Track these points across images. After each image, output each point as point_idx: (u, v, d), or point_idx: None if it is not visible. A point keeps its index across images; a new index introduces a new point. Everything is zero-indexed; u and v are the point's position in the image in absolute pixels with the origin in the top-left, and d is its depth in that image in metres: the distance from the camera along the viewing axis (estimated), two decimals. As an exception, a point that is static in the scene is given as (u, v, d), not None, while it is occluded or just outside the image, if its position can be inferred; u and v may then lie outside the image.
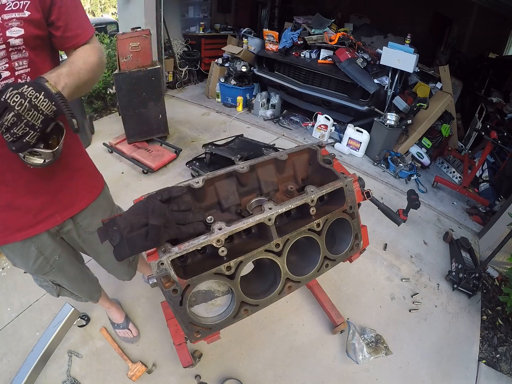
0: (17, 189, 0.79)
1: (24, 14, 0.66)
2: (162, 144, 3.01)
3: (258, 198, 0.88)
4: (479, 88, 4.48)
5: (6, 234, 0.85)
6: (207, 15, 5.17)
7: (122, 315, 1.48)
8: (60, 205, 0.89)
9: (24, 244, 0.88)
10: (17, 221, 0.84)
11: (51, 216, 0.88)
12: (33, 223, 0.86)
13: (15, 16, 0.64)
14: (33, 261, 0.93)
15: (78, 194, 0.94)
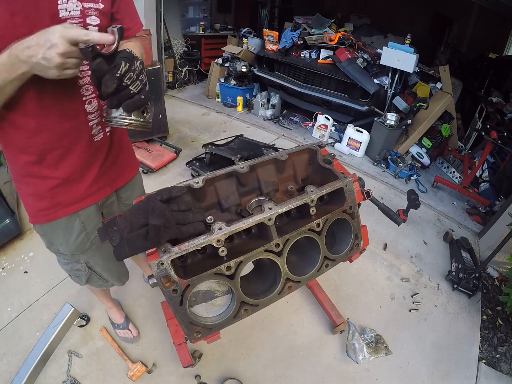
0: (82, 161, 0.85)
1: (99, 5, 0.72)
2: (162, 144, 3.01)
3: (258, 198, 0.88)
4: (479, 88, 4.48)
5: (55, 210, 0.87)
6: (207, 15, 5.17)
7: (122, 315, 1.48)
8: (110, 177, 0.97)
9: (70, 218, 0.90)
10: (71, 195, 0.88)
11: (102, 188, 0.95)
12: (86, 195, 0.91)
13: (93, 6, 0.71)
14: (76, 237, 0.94)
15: (124, 168, 1.03)
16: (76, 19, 0.69)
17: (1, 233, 1.79)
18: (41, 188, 0.84)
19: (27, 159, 0.79)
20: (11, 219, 1.82)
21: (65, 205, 0.88)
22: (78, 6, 0.68)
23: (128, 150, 1.07)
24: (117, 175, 1.00)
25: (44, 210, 0.87)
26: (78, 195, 0.89)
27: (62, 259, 1.03)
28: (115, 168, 0.98)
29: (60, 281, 1.68)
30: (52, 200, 0.86)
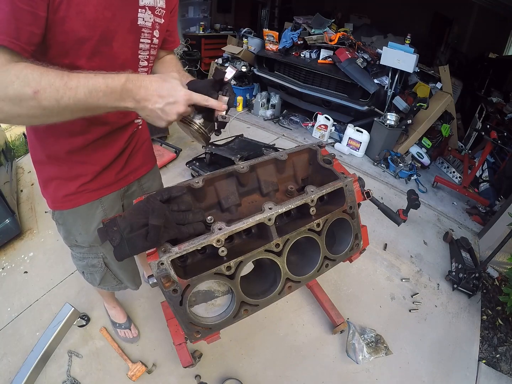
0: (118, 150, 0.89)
1: (161, 20, 0.79)
2: (162, 144, 3.01)
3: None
4: (479, 88, 4.48)
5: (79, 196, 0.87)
6: (207, 15, 5.17)
7: (125, 315, 1.48)
8: (134, 166, 1.00)
9: (92, 205, 0.90)
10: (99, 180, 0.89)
11: (126, 175, 0.98)
12: (113, 181, 0.93)
13: (158, 21, 0.78)
14: (97, 225, 0.92)
15: (146, 158, 1.07)
16: (148, 29, 0.75)
17: (1, 233, 1.79)
18: (71, 172, 0.84)
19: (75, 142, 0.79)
20: (11, 219, 1.82)
21: (91, 191, 0.88)
22: (151, 19, 0.75)
23: (149, 143, 1.11)
24: (140, 163, 1.03)
25: (68, 195, 0.86)
26: (105, 182, 0.90)
27: (77, 253, 1.00)
28: (139, 156, 1.01)
29: (60, 281, 1.68)
30: (78, 185, 0.85)
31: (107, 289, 1.18)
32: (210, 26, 5.21)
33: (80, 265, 1.05)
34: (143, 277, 1.70)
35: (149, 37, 0.77)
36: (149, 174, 1.09)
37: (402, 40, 3.21)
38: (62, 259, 1.78)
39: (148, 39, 0.77)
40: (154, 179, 1.14)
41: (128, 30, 0.70)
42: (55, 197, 0.87)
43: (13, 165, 2.52)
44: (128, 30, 0.70)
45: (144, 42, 0.76)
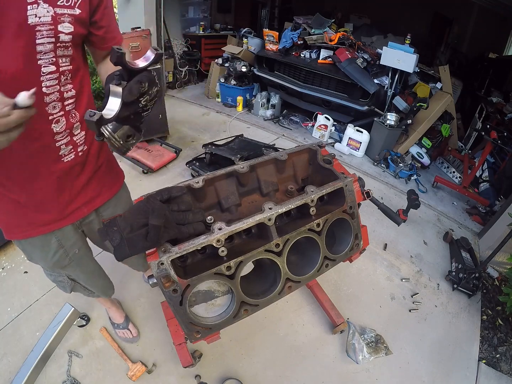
0: (48, 185, 0.80)
1: (75, 11, 0.66)
2: (162, 144, 3.01)
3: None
4: (479, 88, 4.48)
5: (29, 228, 0.85)
6: (207, 15, 5.17)
7: (122, 315, 1.48)
8: (87, 197, 0.91)
9: (45, 237, 0.88)
10: (43, 217, 0.84)
11: (78, 208, 0.90)
12: (60, 217, 0.86)
13: (67, 12, 0.64)
14: (53, 254, 0.92)
15: (104, 186, 0.96)
16: (47, 25, 0.62)
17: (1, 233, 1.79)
18: (11, 208, 0.81)
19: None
20: (11, 219, 1.82)
21: (39, 225, 0.85)
22: (50, 12, 0.61)
23: (109, 166, 1.00)
24: (95, 194, 0.93)
25: (19, 227, 0.84)
26: (51, 218, 0.85)
27: (45, 270, 1.04)
28: (92, 187, 0.91)
29: (60, 281, 1.68)
30: (25, 219, 0.83)
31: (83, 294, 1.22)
32: (210, 26, 5.22)
33: (50, 279, 1.08)
34: (143, 277, 1.70)
35: (50, 34, 0.63)
36: (109, 203, 0.99)
37: (402, 40, 3.21)
38: (62, 259, 1.78)
39: (49, 37, 0.63)
40: (117, 204, 1.03)
41: (14, 35, 0.58)
42: (6, 228, 0.86)
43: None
44: (15, 35, 0.58)
45: (43, 42, 0.63)
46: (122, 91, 0.54)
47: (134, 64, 0.57)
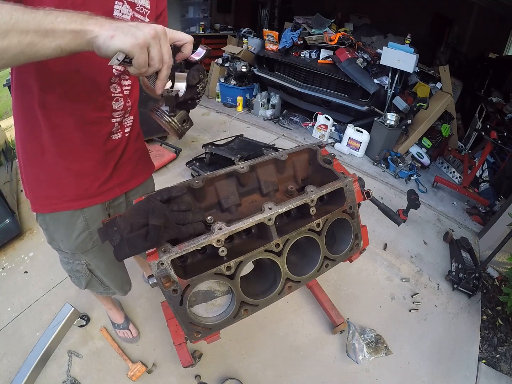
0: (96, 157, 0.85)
1: (145, 19, 0.75)
2: (162, 144, 3.01)
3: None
4: (479, 88, 4.48)
5: (61, 201, 0.85)
6: (207, 15, 5.17)
7: (122, 316, 1.48)
8: (122, 178, 0.95)
9: (74, 213, 0.88)
10: (79, 190, 0.85)
11: (112, 188, 0.93)
12: (95, 193, 0.89)
13: (140, 18, 0.74)
14: (78, 234, 0.91)
15: (137, 171, 1.02)
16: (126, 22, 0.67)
17: (1, 233, 1.79)
18: (51, 175, 0.82)
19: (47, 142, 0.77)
20: (11, 219, 1.82)
21: (71, 199, 0.85)
22: (130, 12, 0.71)
23: (144, 153, 1.06)
24: (129, 176, 0.98)
25: (49, 199, 0.84)
26: (86, 192, 0.87)
27: (63, 257, 1.01)
28: (128, 169, 0.96)
29: (60, 281, 1.68)
30: (59, 190, 0.84)
31: (96, 293, 1.19)
32: (210, 26, 5.22)
33: (66, 269, 1.06)
34: (143, 277, 1.70)
35: None
36: (138, 188, 1.04)
37: (402, 40, 3.21)
38: (62, 259, 1.78)
39: None
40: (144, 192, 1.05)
41: None
42: (36, 198, 0.86)
43: (13, 165, 2.52)
44: None
45: None
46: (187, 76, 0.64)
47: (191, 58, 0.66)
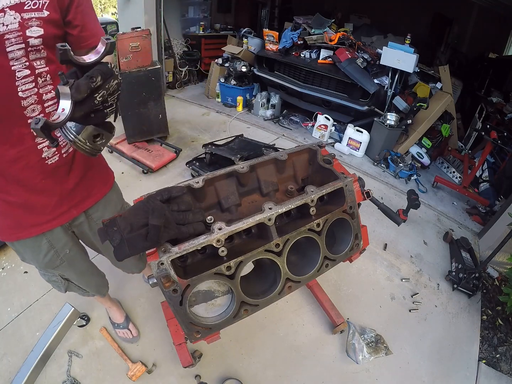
0: (34, 187, 0.80)
1: (43, 13, 0.65)
2: (162, 144, 3.01)
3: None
4: (479, 88, 4.48)
5: (19, 230, 0.85)
6: (207, 15, 5.17)
7: (123, 315, 1.48)
8: (76, 199, 0.91)
9: (36, 238, 0.89)
10: (32, 219, 0.85)
11: (67, 211, 0.90)
12: (49, 219, 0.87)
13: (34, 16, 0.64)
14: (44, 255, 0.93)
15: (93, 188, 0.96)
16: (15, 32, 0.61)
17: (1, 233, 1.79)
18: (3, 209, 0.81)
19: None
20: (11, 219, 1.82)
21: (29, 227, 0.85)
22: (17, 18, 0.61)
23: (98, 166, 1.00)
24: (84, 195, 0.93)
25: (10, 229, 0.85)
26: (40, 219, 0.85)
27: (39, 270, 1.04)
28: (81, 188, 0.91)
29: (60, 281, 1.68)
30: (16, 221, 0.84)
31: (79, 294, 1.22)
32: (210, 26, 5.22)
33: (44, 279, 1.09)
34: (143, 277, 1.70)
35: (19, 41, 0.63)
36: (98, 204, 0.99)
37: (402, 40, 3.21)
38: (62, 259, 1.78)
39: (18, 44, 0.63)
40: (107, 206, 1.02)
41: None
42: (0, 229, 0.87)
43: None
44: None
45: (14, 49, 0.63)
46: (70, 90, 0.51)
47: (82, 60, 0.53)
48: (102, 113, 0.59)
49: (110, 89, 0.56)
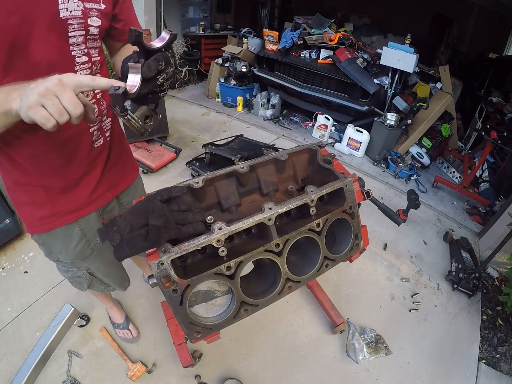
0: (79, 170, 0.83)
1: (100, 6, 0.70)
2: (162, 144, 3.01)
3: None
4: (479, 88, 4.48)
5: (53, 219, 0.85)
6: (207, 15, 5.17)
7: (123, 315, 1.48)
8: (112, 182, 0.95)
9: (68, 226, 0.88)
10: (70, 204, 0.85)
11: (103, 194, 0.92)
12: (87, 203, 0.88)
13: (94, 7, 0.68)
14: (75, 245, 0.92)
15: (124, 172, 1.01)
16: (78, 19, 0.65)
17: (1, 233, 1.79)
18: (40, 197, 0.81)
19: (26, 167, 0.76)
20: (11, 219, 1.82)
21: (65, 214, 0.85)
22: (80, 6, 0.65)
23: (128, 153, 1.05)
24: (118, 179, 0.98)
25: (43, 219, 0.84)
26: (78, 204, 0.87)
27: (62, 266, 1.01)
28: (116, 172, 0.96)
29: (60, 281, 1.67)
30: (52, 209, 0.83)
31: (97, 291, 1.20)
32: (210, 26, 5.22)
33: (66, 276, 1.06)
34: (143, 277, 1.70)
35: (81, 28, 0.67)
36: (128, 189, 1.04)
37: (402, 40, 3.22)
38: (62, 259, 1.78)
39: (80, 30, 0.67)
40: (135, 192, 1.08)
41: (48, 27, 0.62)
42: (29, 221, 0.86)
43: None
44: (48, 28, 0.62)
45: (75, 35, 0.67)
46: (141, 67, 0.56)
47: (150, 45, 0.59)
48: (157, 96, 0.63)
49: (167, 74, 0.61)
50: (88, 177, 0.86)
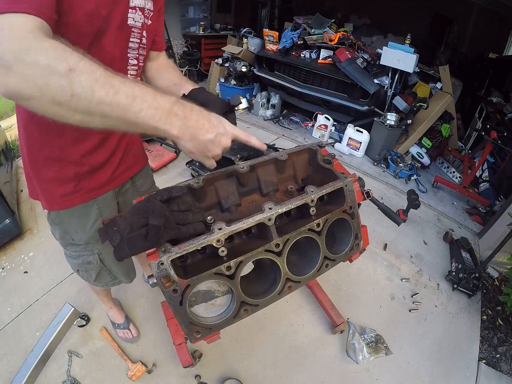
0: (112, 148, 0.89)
1: (149, 21, 0.80)
2: (162, 144, 3.01)
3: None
4: (479, 88, 4.48)
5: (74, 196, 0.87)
6: (207, 15, 5.17)
7: (123, 316, 1.48)
8: (129, 163, 1.00)
9: (87, 204, 0.91)
10: (93, 182, 0.88)
11: (121, 174, 0.98)
12: (108, 181, 0.93)
13: (145, 22, 0.79)
14: (92, 223, 0.94)
15: (139, 155, 1.08)
16: (138, 29, 0.76)
17: (1, 233, 1.79)
18: (69, 173, 0.83)
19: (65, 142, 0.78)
20: (11, 219, 1.82)
21: (87, 191, 0.88)
22: (141, 20, 0.76)
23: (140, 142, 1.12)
24: (133, 162, 1.03)
25: (65, 196, 0.86)
26: (101, 182, 0.90)
27: (73, 252, 1.00)
28: (132, 155, 1.01)
29: (60, 281, 1.68)
30: (75, 186, 0.85)
31: (101, 286, 1.18)
32: (210, 26, 5.22)
33: (75, 263, 1.05)
34: (143, 277, 1.70)
35: (138, 37, 0.78)
36: (141, 172, 1.11)
37: (402, 40, 3.22)
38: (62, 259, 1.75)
39: (137, 38, 0.78)
40: (146, 176, 1.17)
41: (118, 28, 0.71)
42: (50, 197, 0.86)
43: (13, 165, 2.52)
44: (118, 29, 0.71)
45: (134, 41, 0.78)
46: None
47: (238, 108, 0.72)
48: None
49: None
50: (114, 157, 0.91)
